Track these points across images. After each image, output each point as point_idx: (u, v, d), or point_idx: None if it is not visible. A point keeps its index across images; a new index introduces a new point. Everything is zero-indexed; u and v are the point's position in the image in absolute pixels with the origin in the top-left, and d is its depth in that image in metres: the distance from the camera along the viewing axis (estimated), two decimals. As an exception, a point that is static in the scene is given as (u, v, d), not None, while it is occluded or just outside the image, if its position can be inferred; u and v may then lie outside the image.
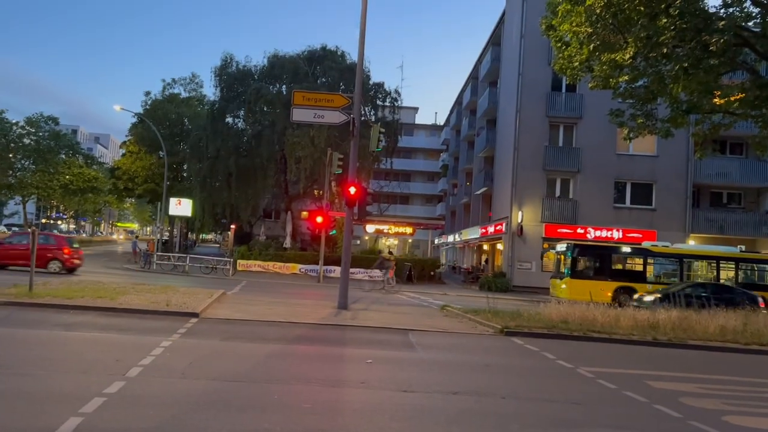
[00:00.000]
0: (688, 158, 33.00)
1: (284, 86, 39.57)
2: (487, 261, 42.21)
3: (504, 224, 34.54)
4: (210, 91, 61.18)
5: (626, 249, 27.16)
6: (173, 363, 7.97)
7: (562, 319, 14.84)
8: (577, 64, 16.80)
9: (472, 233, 43.84)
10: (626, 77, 16.38)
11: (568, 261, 26.09)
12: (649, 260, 26.24)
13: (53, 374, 6.91)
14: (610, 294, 24.60)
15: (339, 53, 40.89)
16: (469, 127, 49.56)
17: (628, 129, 18.22)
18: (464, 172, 51.54)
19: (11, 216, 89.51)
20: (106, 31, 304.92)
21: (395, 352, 10.52)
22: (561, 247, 27.56)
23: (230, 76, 41.40)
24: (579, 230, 32.51)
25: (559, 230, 32.54)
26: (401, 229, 45.51)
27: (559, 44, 17.41)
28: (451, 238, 56.03)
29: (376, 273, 34.69)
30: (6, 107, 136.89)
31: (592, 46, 15.56)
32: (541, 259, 30.15)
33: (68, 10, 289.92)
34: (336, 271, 33.12)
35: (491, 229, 37.58)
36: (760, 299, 22.36)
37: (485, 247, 43.78)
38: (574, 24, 15.64)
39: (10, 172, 52.18)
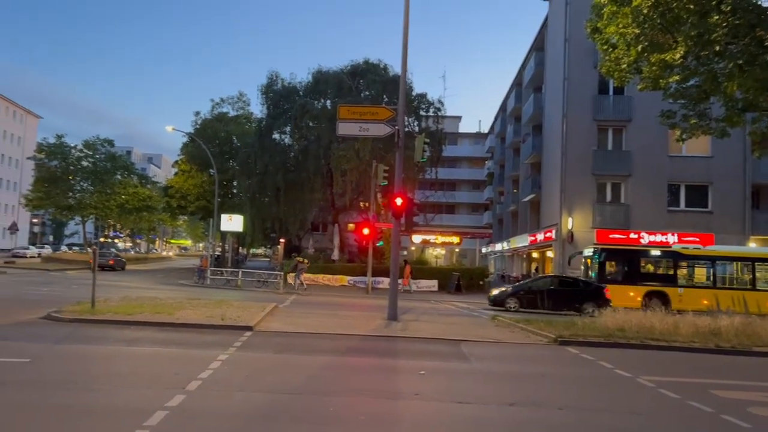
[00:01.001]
0: (745, 158, 31.75)
1: (329, 101, 40.10)
2: (537, 269, 41.54)
3: (554, 231, 33.96)
4: (257, 108, 62.59)
5: (655, 252, 26.48)
6: (231, 376, 8.14)
7: (619, 327, 14.48)
8: (624, 66, 16.43)
9: (521, 241, 43.25)
10: (677, 77, 15.91)
11: (596, 265, 25.60)
12: (680, 263, 25.50)
13: (118, 389, 7.15)
14: (639, 299, 24.05)
15: (382, 66, 41.19)
16: (514, 133, 49.05)
17: (680, 130, 17.68)
18: (510, 179, 51.00)
19: (72, 236, 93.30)
20: (155, 56, 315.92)
21: (448, 363, 10.46)
22: (588, 251, 27.05)
23: (276, 93, 42.24)
24: (632, 235, 31.64)
25: (611, 236, 31.75)
26: (448, 239, 45.32)
27: (605, 47, 17.08)
28: (499, 247, 55.41)
29: (425, 283, 34.65)
30: (65, 132, 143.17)
31: (640, 47, 15.20)
32: (568, 264, 29.48)
33: (119, 38, 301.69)
34: (384, 282, 33.18)
35: (540, 237, 37.00)
36: (606, 289, 23.40)
37: (535, 255, 43.11)
38: (620, 26, 15.33)
39: (70, 193, 54.33)
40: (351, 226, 43.27)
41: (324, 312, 18.44)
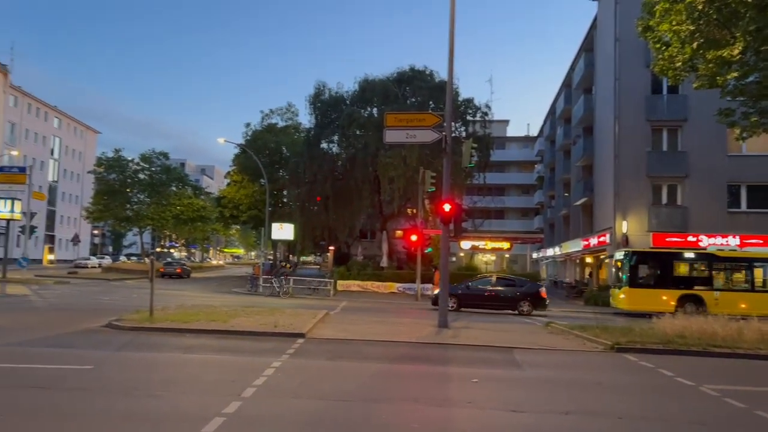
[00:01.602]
0: (812, 155, 30.27)
1: (375, 109, 40.32)
2: (591, 274, 40.57)
3: (608, 235, 33.12)
4: (305, 118, 63.38)
5: (690, 254, 25.88)
6: (284, 383, 8.25)
7: (678, 334, 13.99)
8: (679, 64, 15.94)
9: (574, 246, 42.36)
10: (735, 74, 15.31)
11: (626, 269, 25.11)
12: (715, 265, 24.88)
13: (177, 395, 7.34)
14: (673, 303, 23.66)
15: (427, 72, 41.18)
16: (565, 136, 48.18)
17: (740, 128, 17.00)
18: (561, 182, 50.08)
19: (130, 246, 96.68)
20: (207, 70, 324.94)
21: (501, 371, 10.32)
22: (619, 254, 26.56)
23: (324, 103, 42.78)
24: (690, 238, 30.53)
25: (667, 239, 30.75)
26: (498, 244, 44.70)
27: (658, 45, 16.61)
28: (550, 252, 54.40)
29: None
30: (122, 146, 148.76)
31: (695, 45, 14.73)
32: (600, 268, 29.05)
33: (172, 54, 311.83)
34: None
35: (594, 241, 36.16)
36: (542, 289, 24.41)
37: (588, 260, 42.13)
38: (674, 23, 14.88)
39: (128, 205, 56.30)
40: (399, 233, 43.33)
41: (374, 319, 18.49)
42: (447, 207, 16.73)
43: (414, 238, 31.92)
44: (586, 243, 38.13)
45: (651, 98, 32.66)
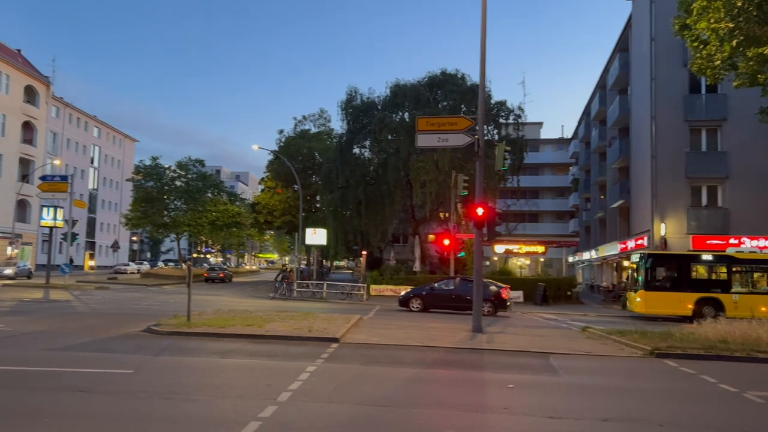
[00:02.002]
0: None
1: (407, 113, 40.34)
2: (628, 278, 39.78)
3: (646, 238, 32.43)
4: (337, 124, 63.93)
5: (708, 257, 25.32)
6: (319, 387, 8.29)
7: (721, 339, 13.62)
8: (718, 62, 15.59)
9: (611, 249, 41.59)
10: (778, 71, 14.93)
11: (642, 272, 24.72)
12: (734, 268, 24.32)
13: (214, 399, 7.44)
14: (690, 306, 23.52)
15: (459, 76, 41.03)
16: (600, 137, 47.41)
17: (784, 127, 16.54)
18: (597, 185, 49.26)
19: (167, 252, 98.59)
20: (241, 78, 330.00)
21: (537, 377, 10.19)
22: (635, 257, 26.18)
23: (356, 108, 42.99)
24: (732, 240, 29.65)
25: (708, 242, 29.95)
26: (532, 248, 44.31)
27: (696, 44, 16.27)
28: (587, 256, 53.51)
29: (514, 294, 34.02)
30: (159, 153, 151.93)
31: (734, 42, 14.38)
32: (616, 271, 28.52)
33: (206, 64, 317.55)
34: (468, 293, 32.85)
35: (631, 244, 35.44)
36: (503, 290, 24.48)
37: (626, 263, 41.29)
38: (712, 21, 14.55)
39: (165, 212, 57.43)
40: (431, 237, 43.14)
41: (407, 324, 18.46)
42: (480, 211, 16.61)
43: (446, 242, 31.80)
44: (623, 246, 37.42)
45: (689, 98, 31.95)
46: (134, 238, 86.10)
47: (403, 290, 35.61)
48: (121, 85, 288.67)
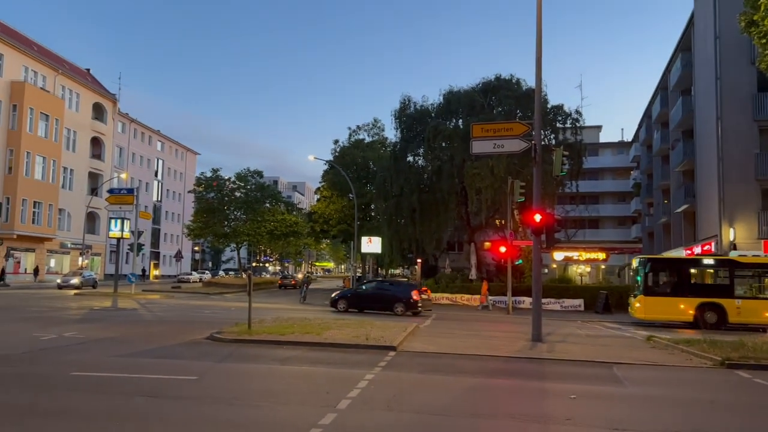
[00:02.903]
0: None
1: (461, 120, 40.13)
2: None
3: (713, 243, 31.09)
4: (391, 133, 64.35)
5: (709, 261, 24.95)
6: (378, 396, 8.30)
7: (799, 349, 12.90)
8: (789, 58, 14.84)
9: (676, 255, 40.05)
10: None
11: (642, 277, 24.33)
12: (737, 272, 23.57)
13: (275, 405, 7.57)
14: (692, 311, 23.11)
15: (514, 81, 40.55)
16: (662, 140, 45.85)
17: None
18: (660, 189, 47.63)
19: (228, 261, 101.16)
20: (297, 90, 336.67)
21: (600, 387, 9.89)
22: (635, 262, 25.74)
23: (409, 117, 43.06)
24: (809, 246, 28.13)
25: (782, 247, 28.49)
26: (592, 255, 43.12)
27: (764, 40, 15.53)
28: (650, 262, 51.61)
29: (570, 302, 33.22)
30: (219, 165, 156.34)
31: (807, 36, 13.67)
32: (618, 276, 27.63)
33: (262, 76, 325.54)
34: (525, 301, 32.32)
35: (698, 250, 34.02)
36: (414, 292, 25.70)
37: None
38: (781, 15, 13.89)
39: (226, 222, 58.95)
40: (487, 244, 42.59)
41: (465, 332, 18.28)
42: (538, 217, 16.31)
43: (503, 249, 31.33)
44: (689, 252, 35.93)
45: (758, 96, 30.56)
46: (196, 248, 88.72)
47: (459, 297, 35.53)
48: (181, 98, 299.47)
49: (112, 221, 36.08)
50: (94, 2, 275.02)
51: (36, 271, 48.33)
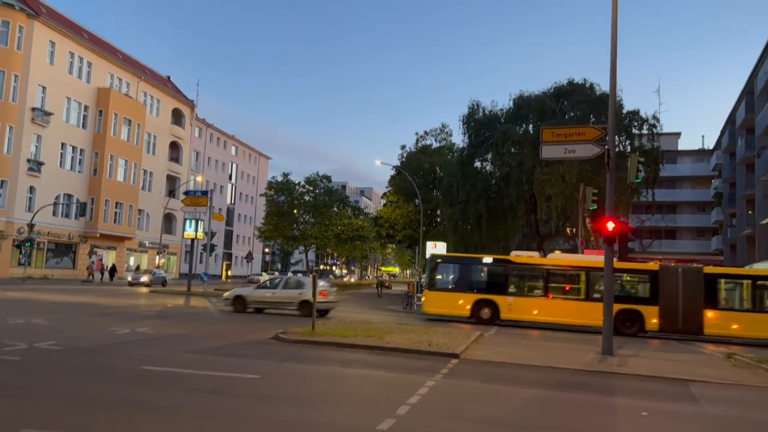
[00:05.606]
0: None
1: (531, 125, 39.31)
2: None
3: (803, 258, 29.08)
4: (458, 138, 63.68)
5: (488, 260, 26.24)
6: (438, 403, 8.17)
7: None
8: None
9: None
10: None
11: (429, 272, 26.24)
12: (510, 271, 25.20)
13: (334, 407, 7.58)
14: (468, 307, 24.44)
15: (587, 85, 39.35)
16: (747, 147, 43.42)
17: None
18: (744, 199, 45.07)
19: (296, 263, 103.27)
20: (366, 96, 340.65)
21: (675, 405, 9.37)
22: (427, 259, 27.81)
23: (477, 122, 42.57)
24: None
25: None
26: (669, 267, 41.12)
27: None
28: (732, 276, 48.90)
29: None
30: (289, 170, 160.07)
31: None
32: (422, 271, 26.75)
33: (333, 82, 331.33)
34: (596, 313, 31.15)
35: (785, 264, 31.93)
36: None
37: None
38: None
39: (295, 225, 60.26)
40: (557, 253, 41.51)
41: (531, 342, 17.83)
42: (610, 225, 15.68)
43: (573, 258, 30.39)
44: (776, 266, 33.77)
45: None
46: (266, 250, 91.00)
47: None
48: (255, 103, 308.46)
49: (187, 222, 37.54)
50: (175, 10, 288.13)
51: (112, 271, 48.62)
